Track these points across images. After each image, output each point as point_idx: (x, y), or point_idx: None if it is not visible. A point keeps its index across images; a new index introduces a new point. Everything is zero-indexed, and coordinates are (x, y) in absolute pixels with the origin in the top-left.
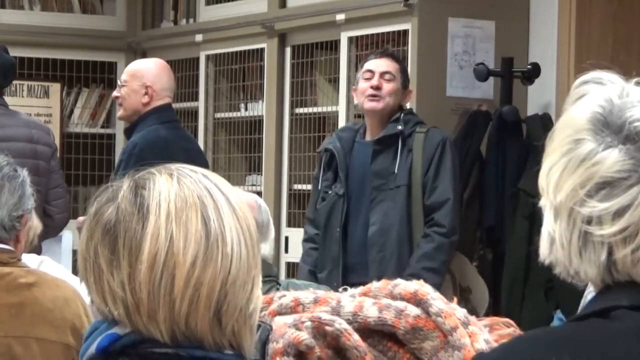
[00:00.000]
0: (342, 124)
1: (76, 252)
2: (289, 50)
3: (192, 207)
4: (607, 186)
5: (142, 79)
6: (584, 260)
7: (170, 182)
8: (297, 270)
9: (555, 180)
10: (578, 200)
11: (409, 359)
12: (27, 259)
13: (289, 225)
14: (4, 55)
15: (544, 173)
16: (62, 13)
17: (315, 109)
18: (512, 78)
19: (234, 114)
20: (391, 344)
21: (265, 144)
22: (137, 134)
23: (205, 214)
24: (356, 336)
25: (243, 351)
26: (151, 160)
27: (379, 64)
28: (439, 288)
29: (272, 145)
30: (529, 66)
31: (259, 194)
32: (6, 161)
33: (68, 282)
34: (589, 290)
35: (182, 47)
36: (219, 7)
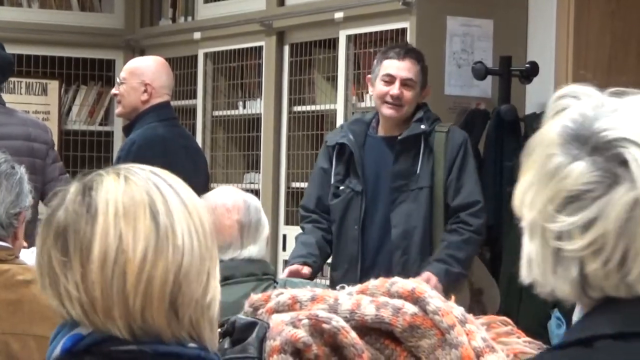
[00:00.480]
0: (340, 122)
1: None
2: (287, 49)
3: (140, 204)
4: (575, 200)
5: (141, 76)
6: (558, 277)
7: (118, 181)
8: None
9: (529, 199)
10: (549, 217)
11: (406, 357)
12: (25, 256)
13: (287, 223)
14: (2, 53)
15: (518, 193)
16: (60, 10)
17: (314, 107)
18: (511, 77)
19: (232, 112)
20: (388, 341)
21: (264, 141)
22: (135, 131)
23: (153, 208)
24: (353, 334)
25: (205, 343)
26: (150, 158)
27: (400, 69)
28: (459, 280)
29: (270, 143)
30: (527, 65)
31: (256, 191)
32: (4, 158)
33: None
34: None
35: (180, 45)
36: (218, 5)
